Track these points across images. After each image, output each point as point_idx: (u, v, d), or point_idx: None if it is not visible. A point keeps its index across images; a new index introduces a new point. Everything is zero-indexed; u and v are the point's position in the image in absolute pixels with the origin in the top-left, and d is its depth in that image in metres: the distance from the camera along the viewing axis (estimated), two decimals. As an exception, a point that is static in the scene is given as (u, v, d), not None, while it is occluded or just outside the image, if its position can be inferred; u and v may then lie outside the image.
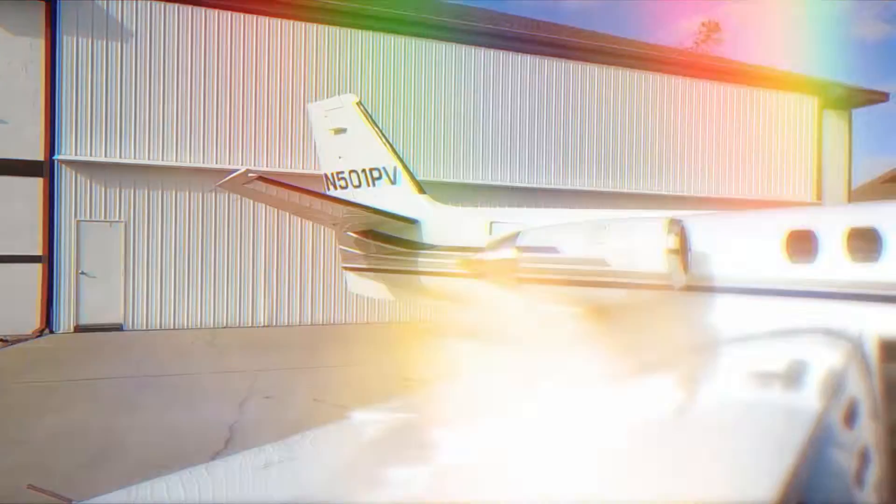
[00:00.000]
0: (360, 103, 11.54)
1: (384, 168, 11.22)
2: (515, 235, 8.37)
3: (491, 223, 10.16)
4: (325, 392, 7.95)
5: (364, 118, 11.37)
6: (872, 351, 5.34)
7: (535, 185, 16.57)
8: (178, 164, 13.57)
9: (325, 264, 14.76)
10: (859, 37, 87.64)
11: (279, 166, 14.24)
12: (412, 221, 10.75)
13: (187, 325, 13.63)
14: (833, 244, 7.20)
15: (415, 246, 10.81)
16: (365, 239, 11.44)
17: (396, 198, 10.99)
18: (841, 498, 1.99)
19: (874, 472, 2.28)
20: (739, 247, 7.91)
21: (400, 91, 15.43)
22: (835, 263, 7.12)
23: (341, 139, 11.54)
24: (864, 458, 2.41)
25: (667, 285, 7.30)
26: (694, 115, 18.55)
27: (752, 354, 5.28)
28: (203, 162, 13.78)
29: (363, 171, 11.40)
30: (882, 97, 20.70)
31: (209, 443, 5.86)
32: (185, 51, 13.71)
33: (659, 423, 2.70)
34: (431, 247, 10.62)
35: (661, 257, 7.18)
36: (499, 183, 16.22)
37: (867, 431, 2.79)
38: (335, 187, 11.76)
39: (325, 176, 11.96)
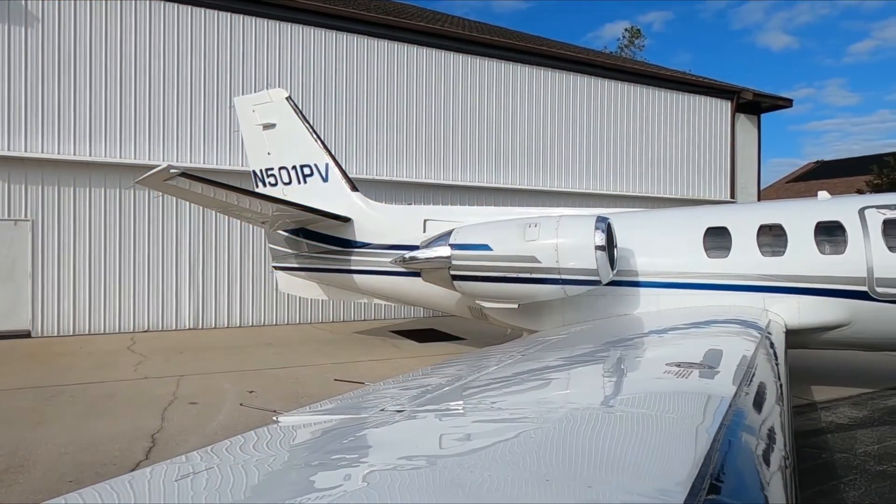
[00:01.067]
0: (290, 98, 11.26)
1: (316, 165, 11.01)
2: (449, 233, 8.44)
3: (425, 221, 10.20)
4: (252, 396, 7.72)
5: (294, 113, 11.11)
6: (779, 338, 5.74)
7: (468, 183, 16.74)
8: (93, 158, 12.76)
9: (254, 264, 14.32)
10: (765, 47, 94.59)
11: (204, 162, 13.68)
12: (345, 219, 10.61)
13: (104, 330, 12.86)
14: (746, 240, 7.71)
15: (348, 244, 10.69)
16: (296, 237, 11.19)
17: (329, 195, 10.81)
18: (750, 475, 2.13)
19: (779, 451, 2.45)
20: (662, 243, 8.32)
21: (331, 87, 15.18)
22: (747, 257, 7.63)
23: (270, 135, 11.22)
24: (770, 438, 2.58)
25: (594, 280, 7.56)
26: (619, 117, 19.29)
27: (673, 345, 5.55)
28: (120, 157, 13.03)
29: (294, 167, 11.14)
30: (787, 103, 22.28)
31: (129, 454, 5.56)
32: (98, 38, 12.89)
33: (585, 413, 2.79)
34: (365, 245, 10.53)
35: (589, 253, 7.43)
36: (433, 181, 16.27)
37: (773, 414, 2.99)
38: (264, 184, 11.43)
39: (254, 172, 11.60)
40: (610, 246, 7.63)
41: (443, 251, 8.29)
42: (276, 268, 11.82)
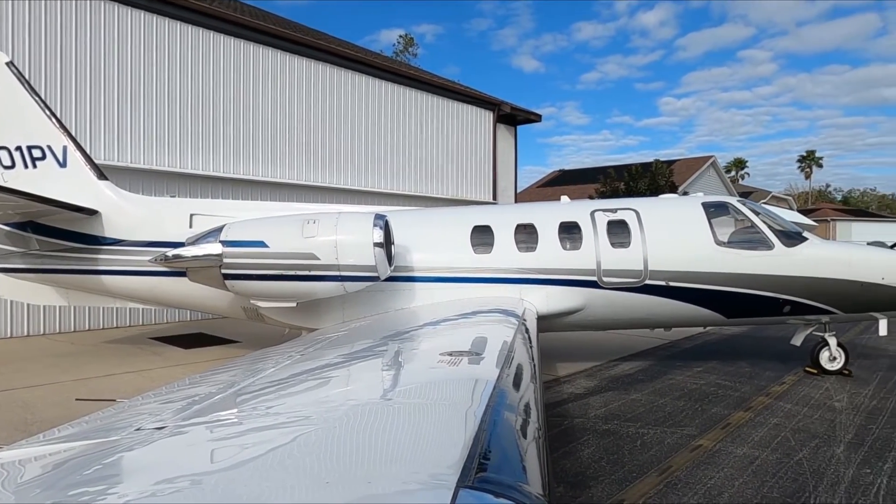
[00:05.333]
0: (12, 64, 9.29)
1: (49, 147, 9.27)
2: (220, 229, 7.85)
3: (192, 215, 9.33)
4: (-38, 428, 6.22)
5: (19, 83, 9.20)
6: (532, 324, 6.52)
7: (241, 176, 15.73)
8: None
9: (-38, 265, 11.53)
10: (519, 68, 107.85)
11: None
12: (91, 212, 9.16)
13: None
14: (505, 237, 8.62)
15: (95, 241, 9.25)
16: (22, 233, 9.31)
17: (68, 183, 9.20)
18: (511, 450, 2.36)
19: (533, 424, 2.77)
20: (434, 240, 8.85)
21: (71, 58, 12.92)
22: (507, 253, 8.53)
23: (-17, 106, 9.13)
24: (527, 413, 2.90)
25: (373, 276, 7.72)
26: (396, 118, 19.98)
27: (445, 335, 5.94)
28: None
29: (18, 148, 9.23)
30: (537, 118, 25.44)
31: None
32: None
33: (364, 409, 2.81)
34: (118, 242, 9.23)
35: (368, 250, 7.55)
36: (200, 172, 14.93)
37: (529, 391, 3.37)
38: (-25, 167, 9.26)
39: (-41, 152, 9.32)
40: (387, 243, 7.86)
41: (213, 248, 7.68)
42: (-7, 269, 9.67)
